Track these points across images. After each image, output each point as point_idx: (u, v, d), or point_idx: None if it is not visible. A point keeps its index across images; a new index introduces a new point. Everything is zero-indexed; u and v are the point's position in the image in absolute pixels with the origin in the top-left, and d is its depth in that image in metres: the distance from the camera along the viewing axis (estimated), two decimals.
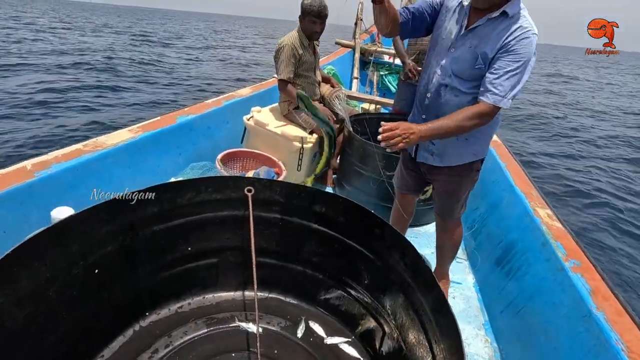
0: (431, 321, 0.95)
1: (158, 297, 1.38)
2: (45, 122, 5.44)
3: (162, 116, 2.19)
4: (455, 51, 1.36)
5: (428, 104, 1.48)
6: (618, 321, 1.10)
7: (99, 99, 6.85)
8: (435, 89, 1.43)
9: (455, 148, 1.47)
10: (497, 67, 1.25)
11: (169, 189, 1.23)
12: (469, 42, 1.32)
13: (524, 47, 1.22)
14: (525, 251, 1.63)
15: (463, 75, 1.35)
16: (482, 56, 1.29)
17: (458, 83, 1.37)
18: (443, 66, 1.39)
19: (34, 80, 7.49)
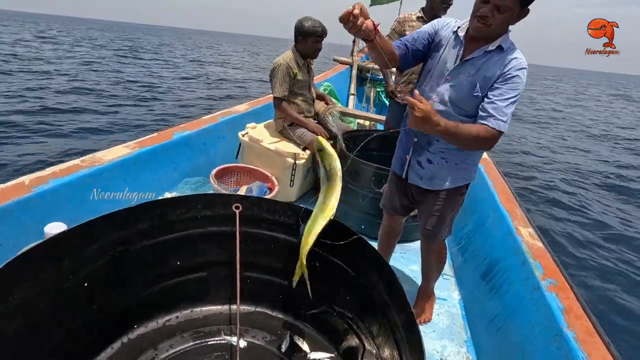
0: (403, 339, 0.99)
1: (147, 310, 1.42)
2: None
3: (159, 132, 2.26)
4: (452, 80, 1.40)
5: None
6: (588, 340, 1.14)
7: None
8: None
9: (446, 173, 1.51)
10: (497, 94, 1.30)
11: (159, 206, 1.29)
12: (467, 71, 1.37)
13: (520, 77, 1.31)
14: (507, 269, 1.67)
15: (460, 103, 1.40)
16: (481, 83, 1.34)
17: (453, 110, 1.41)
18: (439, 92, 1.44)
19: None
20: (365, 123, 4.08)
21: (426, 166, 1.53)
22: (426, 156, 1.53)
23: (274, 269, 1.61)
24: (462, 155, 1.47)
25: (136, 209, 1.20)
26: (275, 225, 1.53)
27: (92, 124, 6.39)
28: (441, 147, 1.49)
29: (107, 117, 7.04)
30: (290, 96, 2.65)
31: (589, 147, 10.00)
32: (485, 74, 1.34)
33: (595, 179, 7.02)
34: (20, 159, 4.47)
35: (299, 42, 2.61)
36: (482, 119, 1.33)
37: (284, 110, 2.59)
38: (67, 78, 10.41)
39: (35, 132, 5.67)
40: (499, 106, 1.29)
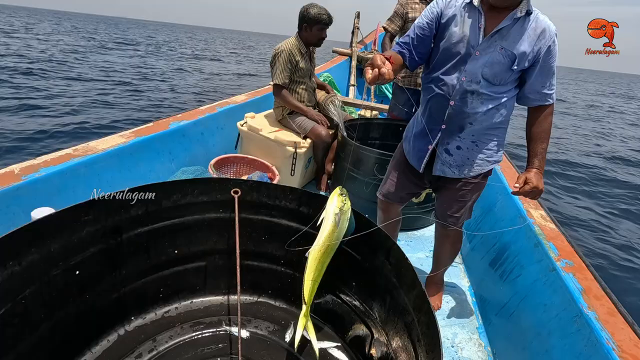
0: (414, 320, 0.93)
1: (144, 301, 1.36)
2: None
3: (155, 122, 2.20)
4: (482, 55, 1.30)
5: (451, 112, 1.39)
6: (610, 321, 1.07)
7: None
8: (460, 96, 1.35)
9: (477, 157, 1.43)
10: (546, 71, 1.30)
11: (153, 190, 1.22)
12: (497, 44, 1.28)
13: (556, 43, 1.29)
14: (518, 253, 1.61)
15: (496, 79, 1.31)
16: (520, 57, 1.26)
17: (487, 87, 1.32)
18: (469, 71, 1.32)
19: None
20: (366, 113, 4.01)
21: (455, 153, 1.43)
22: (455, 143, 1.43)
23: (275, 257, 1.55)
24: (493, 136, 1.40)
25: (127, 193, 1.14)
26: (275, 211, 1.47)
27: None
28: (473, 130, 1.39)
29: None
30: (291, 84, 2.58)
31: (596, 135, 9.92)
32: (519, 46, 1.26)
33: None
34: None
35: (303, 30, 2.53)
36: (541, 100, 1.33)
37: (283, 98, 2.52)
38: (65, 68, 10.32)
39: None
40: (550, 83, 1.31)
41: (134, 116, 6.53)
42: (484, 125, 1.37)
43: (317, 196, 1.46)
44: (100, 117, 6.24)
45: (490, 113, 1.35)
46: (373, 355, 1.27)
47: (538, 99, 1.34)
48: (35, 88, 7.58)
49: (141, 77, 10.70)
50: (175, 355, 1.26)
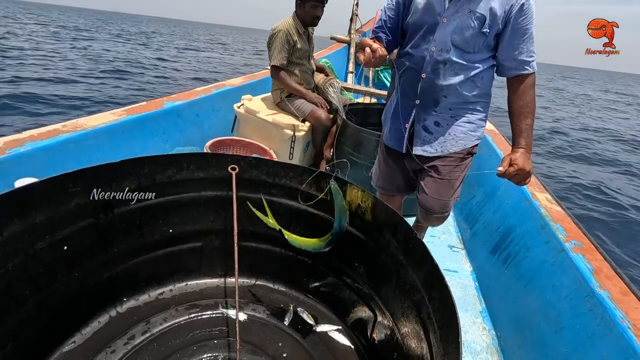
0: (424, 298, 0.88)
1: (137, 282, 1.30)
2: None
3: (148, 101, 2.12)
4: (450, 21, 1.23)
5: (423, 86, 1.32)
6: (623, 300, 1.04)
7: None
8: (431, 68, 1.28)
9: (459, 132, 1.34)
10: (520, 35, 1.19)
11: (147, 164, 1.16)
12: (465, 7, 1.20)
13: (531, 7, 1.17)
14: (524, 235, 1.57)
15: (468, 46, 1.23)
16: (491, 18, 1.18)
17: (459, 56, 1.25)
18: (438, 40, 1.25)
19: None
20: (365, 100, 3.94)
21: (434, 130, 1.35)
22: (433, 119, 1.35)
23: (274, 238, 1.48)
24: (472, 109, 1.32)
25: (119, 165, 1.07)
26: (275, 189, 1.41)
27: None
28: (450, 103, 1.31)
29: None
30: (288, 66, 2.50)
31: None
32: (488, 6, 1.18)
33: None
34: None
35: (298, 7, 2.45)
36: (517, 68, 1.23)
37: (281, 80, 2.44)
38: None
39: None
40: (527, 49, 1.20)
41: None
42: (460, 98, 1.29)
43: (320, 174, 1.40)
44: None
45: (465, 84, 1.28)
46: (375, 337, 1.22)
47: (514, 67, 1.24)
48: None
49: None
50: (169, 338, 1.20)
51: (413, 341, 0.95)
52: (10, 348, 0.89)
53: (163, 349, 1.16)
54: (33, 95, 6.03)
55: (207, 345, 1.20)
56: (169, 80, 9.67)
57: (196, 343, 1.20)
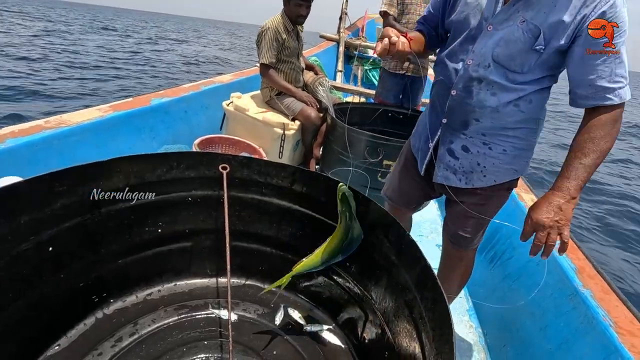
0: (416, 298, 0.89)
1: (124, 282, 1.28)
2: None
3: (134, 97, 2.07)
4: (497, 30, 0.99)
5: (452, 104, 1.11)
6: (605, 298, 1.07)
7: None
8: (463, 84, 1.06)
9: (491, 164, 1.09)
10: (597, 52, 0.88)
11: (136, 163, 1.13)
12: (519, 15, 0.95)
13: (620, 12, 0.86)
14: (510, 236, 1.61)
15: (509, 62, 0.98)
16: (549, 31, 0.91)
17: (499, 75, 1.00)
18: (477, 52, 1.02)
19: None
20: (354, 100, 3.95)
21: (461, 156, 1.12)
22: (461, 142, 1.11)
23: (265, 238, 1.48)
24: (513, 135, 1.05)
25: (108, 163, 1.04)
26: (267, 189, 1.40)
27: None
28: (483, 129, 1.07)
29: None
30: (277, 64, 2.48)
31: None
32: (550, 16, 0.91)
33: None
34: None
35: (285, 5, 2.44)
36: (595, 98, 0.91)
37: (270, 78, 2.43)
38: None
39: None
40: (611, 71, 0.87)
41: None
42: (497, 123, 1.05)
43: (312, 174, 1.40)
44: None
45: (506, 108, 1.02)
46: (366, 337, 1.24)
47: (590, 96, 0.92)
48: None
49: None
50: (158, 339, 1.18)
51: (404, 340, 0.96)
52: None
53: (152, 351, 1.14)
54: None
55: (197, 346, 1.18)
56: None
57: (186, 344, 1.18)
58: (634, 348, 0.91)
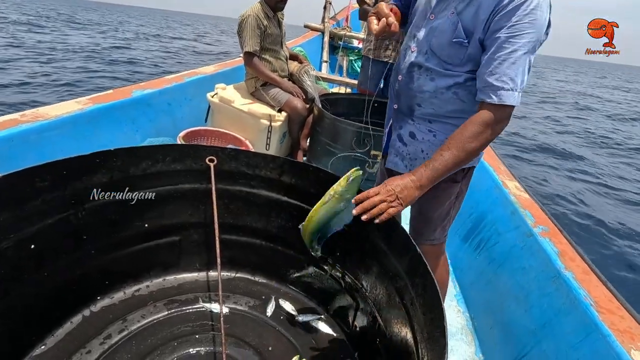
0: (407, 284, 0.90)
1: (111, 279, 1.25)
2: None
3: (115, 89, 2.01)
4: (436, 19, 1.00)
5: (398, 89, 1.14)
6: (585, 279, 1.12)
7: None
8: (407, 70, 1.08)
9: (416, 149, 1.09)
10: (498, 45, 0.87)
11: (120, 157, 1.10)
12: (453, 6, 0.96)
13: (534, 10, 0.84)
14: (495, 222, 1.65)
15: (443, 53, 0.99)
16: (466, 23, 0.92)
17: (435, 64, 1.01)
18: (419, 40, 1.04)
19: None
20: (340, 90, 3.94)
21: (408, 142, 1.11)
22: (409, 128, 1.11)
23: (255, 230, 1.47)
24: (457, 125, 1.00)
25: (89, 157, 1.01)
26: (255, 181, 1.39)
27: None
28: (426, 115, 1.07)
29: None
30: (261, 53, 2.44)
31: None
32: (473, 8, 0.91)
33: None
34: None
35: None
36: (482, 92, 0.92)
37: (255, 67, 2.39)
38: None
39: None
40: (503, 71, 0.87)
41: None
42: (438, 110, 1.05)
43: (301, 165, 1.40)
44: None
45: (444, 95, 1.02)
46: (358, 325, 1.25)
47: (480, 89, 0.93)
48: None
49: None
50: (148, 335, 1.17)
51: (396, 327, 0.98)
52: None
53: (142, 347, 1.12)
54: None
55: (188, 340, 1.18)
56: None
57: (177, 339, 1.17)
58: (613, 325, 0.95)
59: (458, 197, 1.14)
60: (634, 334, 0.93)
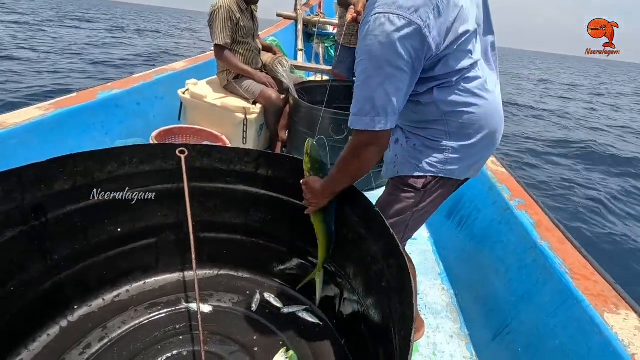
0: (384, 267, 0.90)
1: (87, 287, 1.22)
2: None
3: (79, 92, 1.92)
4: None
5: None
6: (560, 248, 1.14)
7: None
8: None
9: (404, 157, 1.04)
10: (357, 68, 0.85)
11: (81, 161, 1.06)
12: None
13: (364, 36, 0.81)
14: (474, 198, 1.66)
15: None
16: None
17: None
18: None
19: None
20: (317, 78, 3.89)
21: (392, 147, 1.09)
22: (396, 135, 1.09)
23: (235, 226, 1.45)
24: (423, 139, 0.99)
25: (47, 164, 0.96)
26: (231, 176, 1.36)
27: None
28: (401, 123, 1.05)
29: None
30: (233, 45, 2.37)
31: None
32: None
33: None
34: None
35: None
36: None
37: (227, 60, 2.32)
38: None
39: None
40: (356, 96, 0.85)
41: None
42: (404, 120, 1.04)
43: (277, 156, 1.37)
44: None
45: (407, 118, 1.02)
46: (343, 312, 1.25)
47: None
48: None
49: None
50: (131, 340, 1.15)
51: (377, 311, 0.98)
52: None
53: (124, 353, 1.10)
54: None
55: (172, 342, 1.16)
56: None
57: (160, 342, 1.15)
58: (587, 290, 0.97)
59: (418, 209, 1.05)
60: (607, 297, 0.96)
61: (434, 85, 0.90)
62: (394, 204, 1.05)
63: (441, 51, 0.82)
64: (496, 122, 0.97)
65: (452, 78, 0.88)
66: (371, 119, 0.83)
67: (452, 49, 0.83)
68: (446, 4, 0.78)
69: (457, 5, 0.80)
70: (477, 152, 0.98)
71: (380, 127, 0.83)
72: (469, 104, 0.91)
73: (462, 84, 0.89)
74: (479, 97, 0.91)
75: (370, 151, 0.88)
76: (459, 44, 0.83)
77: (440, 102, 0.91)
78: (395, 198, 1.04)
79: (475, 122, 0.93)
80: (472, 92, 0.90)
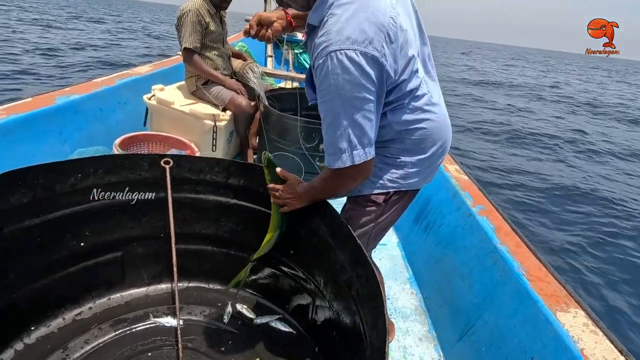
0: (353, 276, 0.93)
1: (45, 305, 1.15)
2: None
3: (34, 96, 1.81)
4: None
5: None
6: (518, 252, 1.22)
7: None
8: None
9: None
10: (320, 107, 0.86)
11: (41, 173, 1.00)
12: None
13: (323, 77, 0.80)
14: (440, 204, 1.74)
15: None
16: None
17: None
18: None
19: None
20: (287, 85, 3.90)
21: None
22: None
23: (205, 237, 1.42)
24: (382, 157, 1.00)
25: (3, 177, 0.90)
26: (200, 186, 1.34)
27: None
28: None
29: None
30: (202, 50, 2.34)
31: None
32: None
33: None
34: None
35: None
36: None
37: (195, 65, 2.28)
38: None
39: None
40: (326, 136, 0.87)
41: None
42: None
43: (248, 165, 1.37)
44: None
45: None
46: (316, 319, 1.27)
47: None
48: None
49: None
50: None
51: (348, 318, 1.00)
52: None
53: None
54: None
55: (141, 359, 1.12)
56: None
57: (130, 359, 1.11)
58: (542, 291, 1.05)
59: (380, 221, 1.07)
60: (559, 297, 1.04)
61: (387, 109, 0.93)
62: (357, 218, 1.07)
63: (398, 76, 0.85)
64: (446, 133, 1.04)
65: (404, 100, 0.92)
66: (349, 154, 0.84)
67: (406, 73, 0.87)
68: (394, 30, 0.81)
69: (403, 29, 0.84)
70: (432, 162, 1.04)
71: (360, 159, 0.84)
72: (420, 120, 0.95)
73: (412, 103, 0.93)
74: (428, 112, 0.96)
75: (357, 181, 0.94)
76: (409, 67, 0.87)
77: (395, 123, 0.95)
78: (357, 213, 1.06)
79: (428, 136, 0.98)
80: (422, 109, 0.95)
